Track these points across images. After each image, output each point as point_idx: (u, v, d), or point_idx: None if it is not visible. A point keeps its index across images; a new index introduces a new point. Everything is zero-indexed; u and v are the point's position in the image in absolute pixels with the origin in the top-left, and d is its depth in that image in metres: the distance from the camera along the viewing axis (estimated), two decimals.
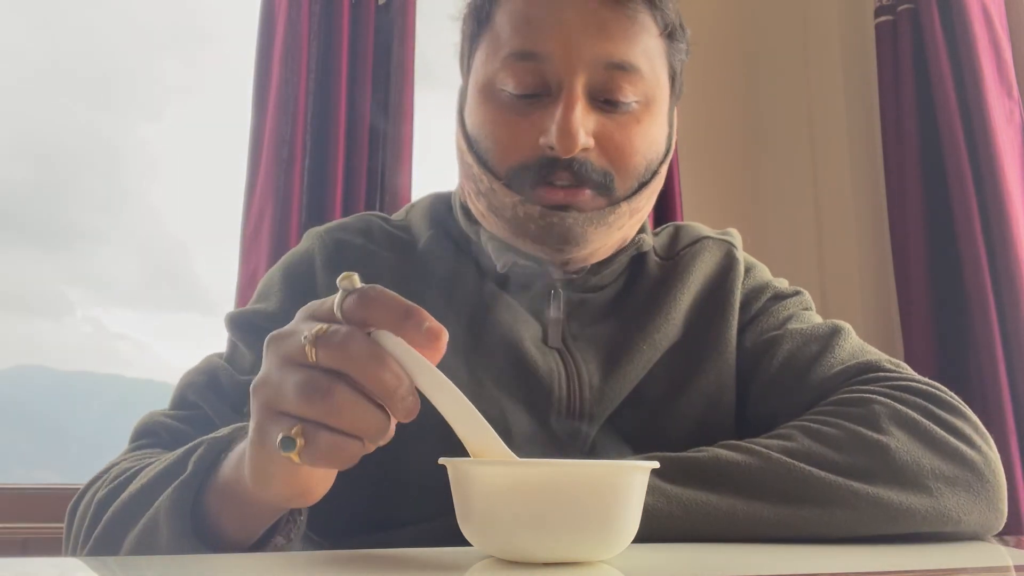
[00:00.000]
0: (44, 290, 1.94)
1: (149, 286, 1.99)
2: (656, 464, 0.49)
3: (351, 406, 0.44)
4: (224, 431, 0.59)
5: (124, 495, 0.61)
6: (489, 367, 0.74)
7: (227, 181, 1.74)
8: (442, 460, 0.48)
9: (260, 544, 0.58)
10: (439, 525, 0.64)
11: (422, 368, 0.45)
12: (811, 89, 2.08)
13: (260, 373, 0.48)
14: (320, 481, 0.51)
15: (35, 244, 1.94)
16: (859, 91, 1.98)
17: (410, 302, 0.45)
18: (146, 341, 1.95)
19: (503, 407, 0.72)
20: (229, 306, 1.64)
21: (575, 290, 0.80)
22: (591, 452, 0.74)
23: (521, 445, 0.69)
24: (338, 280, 0.46)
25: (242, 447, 0.53)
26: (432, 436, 0.49)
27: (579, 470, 0.46)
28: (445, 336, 0.45)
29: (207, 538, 0.56)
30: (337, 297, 0.46)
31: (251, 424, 0.48)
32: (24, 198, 1.89)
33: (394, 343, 0.45)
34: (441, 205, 0.87)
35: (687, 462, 0.63)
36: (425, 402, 0.47)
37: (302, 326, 0.46)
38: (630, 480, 0.47)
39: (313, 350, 0.44)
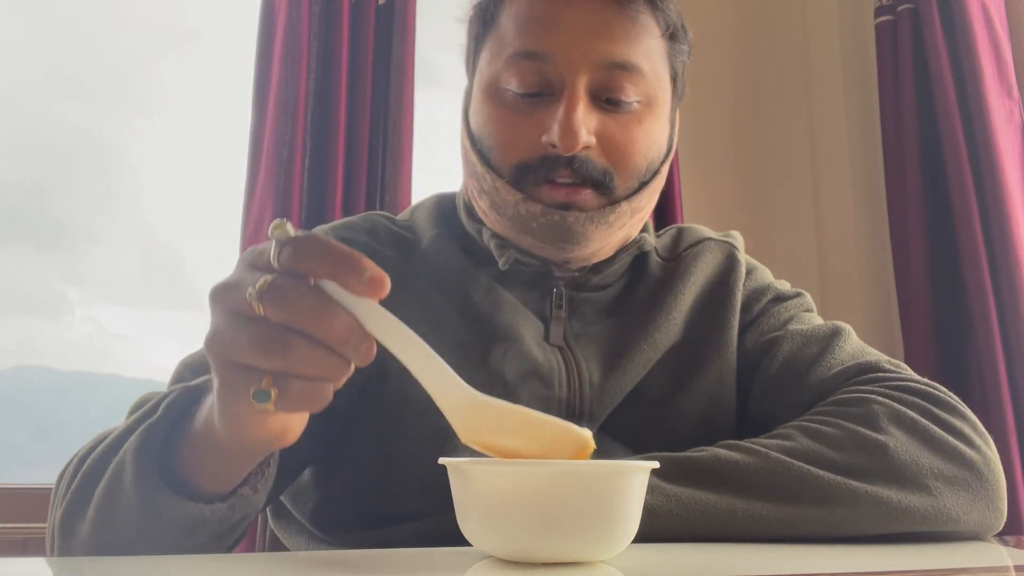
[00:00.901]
0: (43, 290, 1.94)
1: (148, 286, 1.99)
2: (656, 464, 0.49)
3: (311, 356, 0.44)
4: (197, 381, 0.59)
5: (99, 448, 0.61)
6: (490, 364, 0.74)
7: (227, 181, 1.74)
8: (442, 460, 0.48)
9: (228, 496, 0.58)
10: (443, 520, 0.64)
11: (370, 313, 0.45)
12: (811, 89, 2.08)
13: (210, 327, 0.47)
14: (295, 421, 0.51)
15: (34, 244, 1.94)
16: (859, 91, 1.98)
17: (348, 248, 0.44)
18: (146, 341, 1.95)
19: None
20: None
21: (577, 289, 0.81)
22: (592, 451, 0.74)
23: None
24: (270, 230, 0.45)
25: (211, 398, 0.53)
26: (433, 431, 0.49)
27: (579, 470, 0.46)
28: (387, 282, 0.44)
29: (175, 484, 0.56)
30: (272, 248, 0.45)
31: (214, 378, 0.48)
32: (23, 198, 1.89)
33: (338, 290, 0.45)
34: (446, 205, 0.88)
35: (686, 462, 0.63)
36: (423, 398, 0.47)
37: (246, 277, 0.46)
38: (630, 480, 0.47)
39: (260, 305, 0.44)
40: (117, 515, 0.56)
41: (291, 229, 0.45)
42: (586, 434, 0.48)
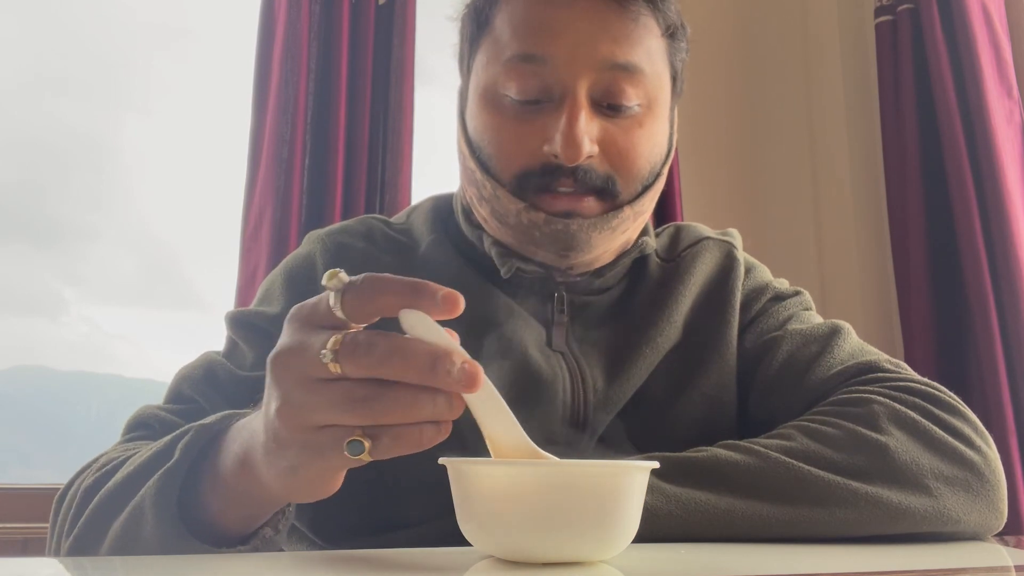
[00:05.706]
0: (39, 290, 1.94)
1: (146, 285, 1.99)
2: (656, 464, 0.49)
3: (396, 402, 0.43)
4: (211, 419, 0.58)
5: (110, 484, 0.60)
6: (493, 372, 0.73)
7: (226, 180, 1.74)
8: (442, 460, 0.48)
9: (249, 537, 0.57)
10: (439, 526, 0.64)
11: (449, 341, 0.44)
12: (811, 89, 2.08)
13: (276, 396, 0.46)
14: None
15: (30, 243, 1.94)
16: (859, 91, 1.98)
17: (409, 278, 0.43)
18: (144, 341, 1.95)
19: None
20: (228, 306, 1.64)
21: (578, 293, 0.80)
22: (594, 454, 0.74)
23: None
24: (324, 280, 0.44)
25: (242, 447, 0.52)
26: None
27: (579, 470, 0.46)
28: (462, 300, 0.43)
29: (195, 528, 0.55)
30: (331, 298, 0.44)
31: (288, 444, 0.47)
32: (18, 197, 1.89)
33: (417, 320, 0.43)
34: (443, 208, 0.87)
35: (686, 462, 0.63)
36: None
37: (311, 339, 0.44)
38: (630, 480, 0.47)
39: (336, 365, 0.43)
40: (138, 555, 0.56)
41: (346, 276, 0.44)
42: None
